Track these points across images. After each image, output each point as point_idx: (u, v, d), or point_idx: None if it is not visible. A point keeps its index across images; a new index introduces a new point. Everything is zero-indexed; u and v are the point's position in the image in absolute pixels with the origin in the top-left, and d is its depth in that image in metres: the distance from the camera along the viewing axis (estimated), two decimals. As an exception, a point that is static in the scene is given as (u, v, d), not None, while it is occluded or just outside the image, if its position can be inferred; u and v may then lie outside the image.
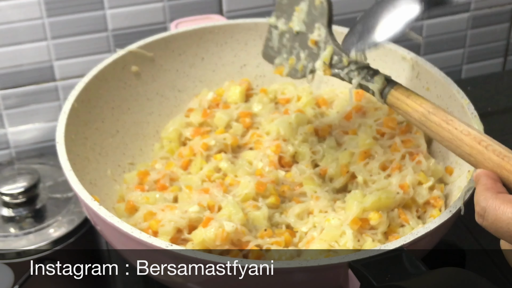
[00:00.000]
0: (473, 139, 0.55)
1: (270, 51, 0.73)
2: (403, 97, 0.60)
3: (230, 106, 0.84)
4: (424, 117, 0.58)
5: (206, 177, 0.75)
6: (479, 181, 0.53)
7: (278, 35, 0.71)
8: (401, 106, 0.60)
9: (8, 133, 0.95)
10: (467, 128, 0.56)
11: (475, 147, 0.55)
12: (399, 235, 0.67)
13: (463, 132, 0.56)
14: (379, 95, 0.61)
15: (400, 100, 0.60)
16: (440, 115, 0.57)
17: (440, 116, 0.57)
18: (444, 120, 0.57)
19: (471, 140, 0.55)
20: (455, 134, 0.56)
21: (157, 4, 0.93)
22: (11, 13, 0.88)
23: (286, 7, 0.71)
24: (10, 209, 0.81)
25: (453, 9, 1.07)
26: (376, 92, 0.62)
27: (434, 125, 0.57)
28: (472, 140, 0.55)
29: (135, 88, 0.83)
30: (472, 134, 0.55)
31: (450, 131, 0.56)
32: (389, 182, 0.70)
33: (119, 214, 0.73)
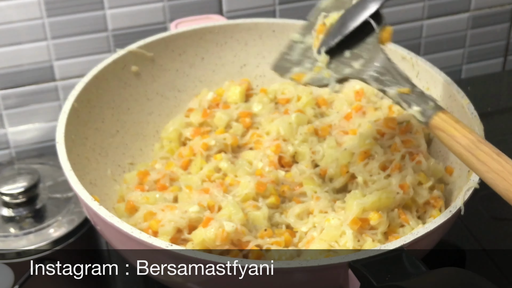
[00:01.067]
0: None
1: (285, 63, 0.70)
2: (452, 121, 0.58)
3: (230, 106, 0.84)
4: (473, 145, 0.56)
5: (206, 177, 0.75)
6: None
7: (303, 49, 0.70)
8: (448, 130, 0.57)
9: (8, 133, 0.95)
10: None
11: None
12: (399, 235, 0.67)
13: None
14: (421, 114, 0.59)
15: (448, 123, 0.58)
16: (489, 145, 0.56)
17: (490, 147, 0.56)
18: (494, 151, 0.55)
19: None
20: (506, 167, 0.54)
21: (157, 4, 0.93)
22: (11, 13, 0.88)
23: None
24: (10, 209, 0.81)
25: (453, 9, 1.07)
26: (418, 110, 0.59)
27: (483, 154, 0.55)
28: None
29: (135, 88, 0.83)
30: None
31: (501, 163, 0.55)
32: (389, 182, 0.70)
33: (119, 214, 0.73)
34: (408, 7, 1.04)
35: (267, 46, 0.88)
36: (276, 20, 0.88)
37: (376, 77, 0.61)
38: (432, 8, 1.05)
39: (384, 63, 0.62)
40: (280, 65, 0.70)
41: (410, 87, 0.59)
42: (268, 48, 0.88)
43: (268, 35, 0.88)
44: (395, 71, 0.61)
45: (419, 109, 0.58)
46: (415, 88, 0.59)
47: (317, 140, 0.78)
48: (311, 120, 0.80)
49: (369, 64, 0.62)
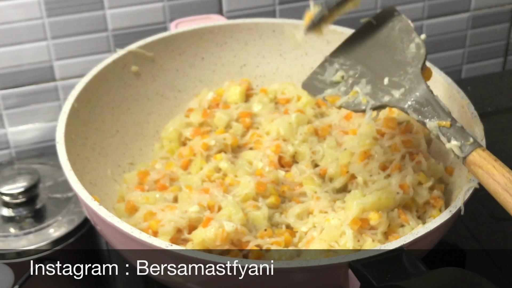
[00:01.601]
0: None
1: (318, 84, 0.70)
2: (490, 158, 0.58)
3: (230, 106, 0.84)
4: (511, 184, 0.56)
5: (206, 177, 0.75)
6: None
7: (336, 70, 0.70)
8: (486, 167, 0.57)
9: (8, 133, 0.95)
10: None
11: None
12: (399, 235, 0.67)
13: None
14: (459, 149, 0.58)
15: (486, 160, 0.58)
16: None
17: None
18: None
19: None
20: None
21: (157, 4, 0.93)
22: (11, 13, 0.88)
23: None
24: (10, 209, 0.81)
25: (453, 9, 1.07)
26: (457, 144, 0.59)
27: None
28: None
29: (135, 88, 0.83)
30: None
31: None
32: (389, 182, 0.70)
33: (119, 214, 0.73)
34: (408, 7, 1.04)
35: (267, 46, 0.88)
36: (276, 20, 0.88)
37: (417, 107, 0.61)
38: (432, 8, 1.05)
39: (426, 94, 0.61)
40: (312, 85, 0.70)
41: (451, 121, 0.59)
42: (268, 48, 0.88)
43: (268, 35, 0.88)
44: (436, 103, 0.61)
45: (458, 143, 0.58)
46: (455, 123, 0.59)
47: (317, 140, 0.78)
48: (311, 120, 0.80)
49: (410, 94, 0.62)
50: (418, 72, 0.63)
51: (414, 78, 0.63)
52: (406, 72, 0.64)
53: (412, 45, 0.66)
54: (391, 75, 0.64)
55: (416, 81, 0.63)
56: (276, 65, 0.89)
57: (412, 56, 0.65)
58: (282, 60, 0.89)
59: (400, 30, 0.67)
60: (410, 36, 0.66)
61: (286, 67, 0.88)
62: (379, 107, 0.64)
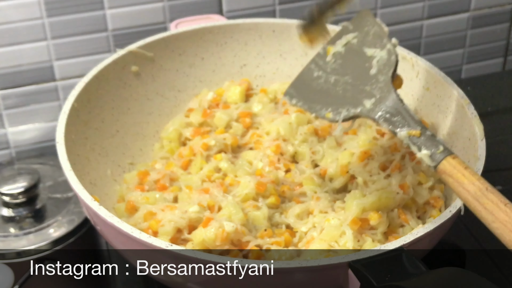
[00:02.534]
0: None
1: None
2: (460, 167, 0.56)
3: (230, 106, 0.84)
4: (481, 192, 0.55)
5: (206, 177, 0.75)
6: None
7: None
8: (456, 176, 0.56)
9: (8, 133, 0.95)
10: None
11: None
12: (399, 235, 0.67)
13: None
14: (429, 158, 0.57)
15: (456, 169, 0.56)
16: (497, 194, 0.54)
17: (497, 196, 0.54)
18: (501, 201, 0.54)
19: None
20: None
21: (157, 4, 0.93)
22: (11, 13, 0.88)
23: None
24: (10, 209, 0.81)
25: (453, 9, 1.07)
26: (427, 153, 0.58)
27: (490, 203, 0.54)
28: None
29: (135, 88, 0.83)
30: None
31: (507, 213, 0.53)
32: (389, 182, 0.70)
33: (119, 214, 0.73)
34: (408, 7, 1.04)
35: (267, 46, 0.88)
36: (276, 20, 0.88)
37: (387, 117, 0.60)
38: (432, 8, 1.05)
39: (396, 104, 0.61)
40: (290, 93, 0.69)
41: (421, 130, 0.59)
42: (268, 48, 0.88)
43: (268, 35, 0.88)
44: (406, 112, 0.60)
45: (428, 152, 0.57)
46: (425, 131, 0.59)
47: (317, 140, 0.78)
48: (311, 120, 0.80)
49: (381, 103, 0.61)
50: (389, 81, 0.62)
51: (385, 87, 0.62)
52: (377, 80, 0.63)
53: (383, 51, 0.65)
54: (364, 84, 0.64)
55: (387, 90, 0.62)
56: (276, 65, 0.89)
57: (384, 63, 0.64)
58: (282, 60, 0.89)
59: (374, 36, 0.67)
60: (382, 42, 0.66)
61: (286, 67, 0.88)
62: (352, 118, 0.63)
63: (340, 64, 0.67)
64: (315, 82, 0.68)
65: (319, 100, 0.66)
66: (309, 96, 0.67)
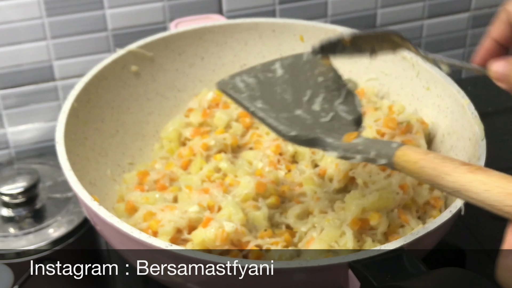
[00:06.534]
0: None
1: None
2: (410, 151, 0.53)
3: (230, 106, 0.84)
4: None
5: (206, 177, 0.75)
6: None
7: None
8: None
9: (7, 133, 0.95)
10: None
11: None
12: (399, 235, 0.67)
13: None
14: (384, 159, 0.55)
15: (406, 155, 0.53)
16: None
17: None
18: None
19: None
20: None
21: (157, 4, 0.93)
22: (10, 13, 0.88)
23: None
24: (9, 209, 0.80)
25: (453, 9, 1.07)
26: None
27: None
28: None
29: (135, 88, 0.83)
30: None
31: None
32: (389, 183, 0.70)
33: (119, 214, 0.73)
34: (408, 7, 1.04)
35: (267, 46, 0.88)
36: (276, 20, 0.88)
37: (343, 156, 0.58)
38: (432, 7, 1.05)
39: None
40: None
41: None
42: (268, 48, 0.88)
43: (268, 35, 0.88)
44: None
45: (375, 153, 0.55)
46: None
47: (317, 140, 0.78)
48: (311, 120, 0.80)
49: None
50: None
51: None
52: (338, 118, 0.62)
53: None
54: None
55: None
56: (276, 65, 0.89)
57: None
58: (282, 60, 0.89)
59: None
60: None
61: (286, 67, 0.88)
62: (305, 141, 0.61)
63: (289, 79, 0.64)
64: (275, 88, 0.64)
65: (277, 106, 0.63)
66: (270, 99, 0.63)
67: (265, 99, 0.62)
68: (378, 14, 1.03)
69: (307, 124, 0.60)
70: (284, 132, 0.60)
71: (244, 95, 0.62)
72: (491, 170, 0.47)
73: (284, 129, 0.60)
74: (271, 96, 0.62)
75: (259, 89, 0.62)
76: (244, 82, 0.63)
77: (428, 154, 0.50)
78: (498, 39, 0.56)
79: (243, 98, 0.62)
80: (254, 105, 0.61)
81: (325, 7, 1.00)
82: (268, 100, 0.62)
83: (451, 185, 0.48)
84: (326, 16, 1.00)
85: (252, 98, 0.62)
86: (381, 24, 1.04)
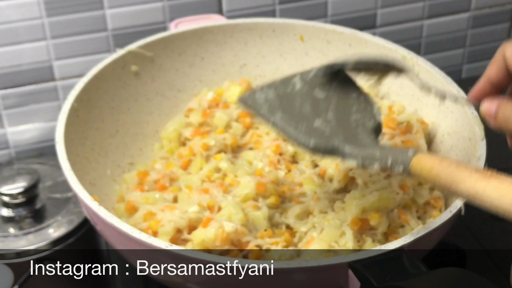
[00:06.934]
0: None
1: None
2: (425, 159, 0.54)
3: (230, 106, 0.84)
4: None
5: (206, 177, 0.75)
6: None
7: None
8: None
9: (7, 133, 0.95)
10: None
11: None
12: (399, 235, 0.67)
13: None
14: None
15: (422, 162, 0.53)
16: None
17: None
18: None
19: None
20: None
21: (157, 4, 0.93)
22: (10, 13, 0.88)
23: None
24: (9, 209, 0.80)
25: (453, 9, 1.07)
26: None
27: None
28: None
29: (135, 88, 0.83)
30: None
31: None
32: (389, 183, 0.70)
33: (119, 214, 0.73)
34: (408, 7, 1.04)
35: (267, 46, 0.88)
36: (276, 20, 0.88)
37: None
38: (432, 8, 1.05)
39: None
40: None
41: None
42: (268, 48, 0.88)
43: (268, 35, 0.88)
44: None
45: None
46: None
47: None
48: (311, 120, 0.80)
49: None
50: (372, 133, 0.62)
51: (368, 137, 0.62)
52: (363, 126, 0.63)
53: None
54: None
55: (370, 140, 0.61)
56: (276, 65, 0.89)
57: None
58: (282, 60, 0.89)
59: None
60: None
61: (286, 67, 0.88)
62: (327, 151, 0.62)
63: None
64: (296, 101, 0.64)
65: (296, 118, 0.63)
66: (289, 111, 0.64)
67: (284, 111, 0.63)
68: (378, 14, 1.03)
69: (325, 134, 0.61)
70: (304, 142, 0.61)
71: (264, 109, 0.63)
72: (504, 177, 0.48)
73: (304, 140, 0.61)
74: (290, 108, 0.63)
75: (278, 102, 0.63)
76: (264, 96, 0.64)
77: (442, 161, 0.51)
78: (492, 79, 0.57)
79: (263, 111, 0.63)
80: (274, 117, 0.62)
81: (325, 7, 1.00)
82: (287, 112, 0.63)
83: (465, 192, 0.49)
84: (326, 16, 1.00)
85: (272, 111, 0.63)
86: (381, 24, 1.04)
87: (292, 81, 0.65)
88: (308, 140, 0.60)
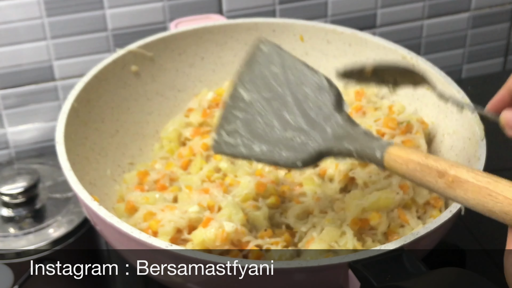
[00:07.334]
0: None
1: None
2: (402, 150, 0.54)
3: (230, 106, 0.84)
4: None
5: (206, 177, 0.75)
6: None
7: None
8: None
9: (7, 133, 0.95)
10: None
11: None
12: (399, 235, 0.67)
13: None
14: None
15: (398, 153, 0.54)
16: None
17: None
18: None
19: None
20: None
21: (157, 4, 0.93)
22: (10, 13, 0.88)
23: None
24: (9, 209, 0.80)
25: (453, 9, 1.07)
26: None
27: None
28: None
29: (135, 88, 0.83)
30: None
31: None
32: (389, 183, 0.70)
33: (119, 214, 0.73)
34: (408, 7, 1.04)
35: (267, 46, 0.88)
36: (276, 20, 0.88)
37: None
38: (432, 8, 1.05)
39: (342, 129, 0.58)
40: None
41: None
42: (268, 48, 0.88)
43: (268, 35, 0.87)
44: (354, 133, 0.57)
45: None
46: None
47: (317, 140, 0.78)
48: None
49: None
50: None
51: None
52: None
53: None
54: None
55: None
56: (276, 65, 0.89)
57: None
58: (282, 60, 0.88)
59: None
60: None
61: (286, 67, 0.88)
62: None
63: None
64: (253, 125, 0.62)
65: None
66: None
67: (258, 138, 0.61)
68: (378, 14, 1.03)
69: (302, 140, 0.59)
70: (291, 165, 0.60)
71: (241, 147, 0.61)
72: (466, 181, 0.48)
73: (291, 162, 0.59)
74: (259, 129, 0.61)
75: (247, 129, 0.61)
76: (229, 132, 0.62)
77: (409, 163, 0.51)
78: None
79: (241, 150, 0.62)
80: (254, 152, 0.61)
81: (325, 7, 1.00)
82: (260, 137, 0.61)
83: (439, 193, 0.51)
84: (326, 16, 1.00)
85: (248, 145, 0.61)
86: (381, 24, 1.04)
87: (237, 94, 0.64)
88: (294, 161, 0.59)
